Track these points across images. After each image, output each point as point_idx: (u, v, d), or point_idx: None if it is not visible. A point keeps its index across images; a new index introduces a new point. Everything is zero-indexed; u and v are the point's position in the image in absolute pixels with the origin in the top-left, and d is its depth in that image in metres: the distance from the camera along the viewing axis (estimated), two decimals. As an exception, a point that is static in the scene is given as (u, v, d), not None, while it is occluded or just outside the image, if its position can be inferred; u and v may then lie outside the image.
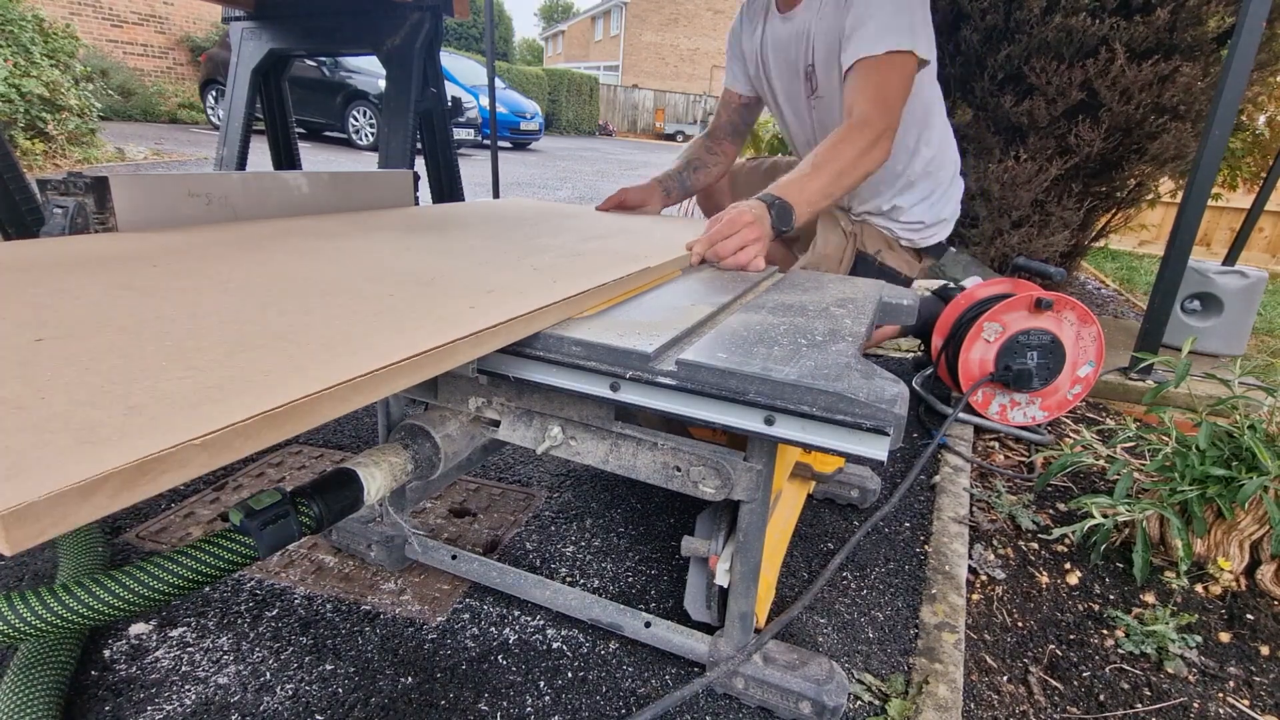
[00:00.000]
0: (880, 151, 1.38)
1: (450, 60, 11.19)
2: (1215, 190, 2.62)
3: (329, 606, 1.09)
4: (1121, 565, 1.36)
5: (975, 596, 1.25)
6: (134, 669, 0.95)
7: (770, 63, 1.70)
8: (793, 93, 1.69)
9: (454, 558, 1.16)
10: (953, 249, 1.94)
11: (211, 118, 10.49)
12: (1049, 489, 1.65)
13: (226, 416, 0.44)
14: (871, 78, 1.40)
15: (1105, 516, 1.32)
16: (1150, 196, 3.43)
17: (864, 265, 1.82)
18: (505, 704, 0.93)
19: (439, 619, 1.08)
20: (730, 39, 1.83)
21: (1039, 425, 1.89)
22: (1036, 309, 1.75)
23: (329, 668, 0.97)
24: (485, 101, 9.37)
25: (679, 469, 0.86)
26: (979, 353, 1.81)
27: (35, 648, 0.89)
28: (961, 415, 1.91)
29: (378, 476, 0.82)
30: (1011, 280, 1.88)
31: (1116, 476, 1.36)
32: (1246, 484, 1.18)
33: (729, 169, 1.96)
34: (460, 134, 9.79)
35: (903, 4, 1.40)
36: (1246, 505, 1.23)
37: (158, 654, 0.98)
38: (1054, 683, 1.06)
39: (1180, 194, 2.25)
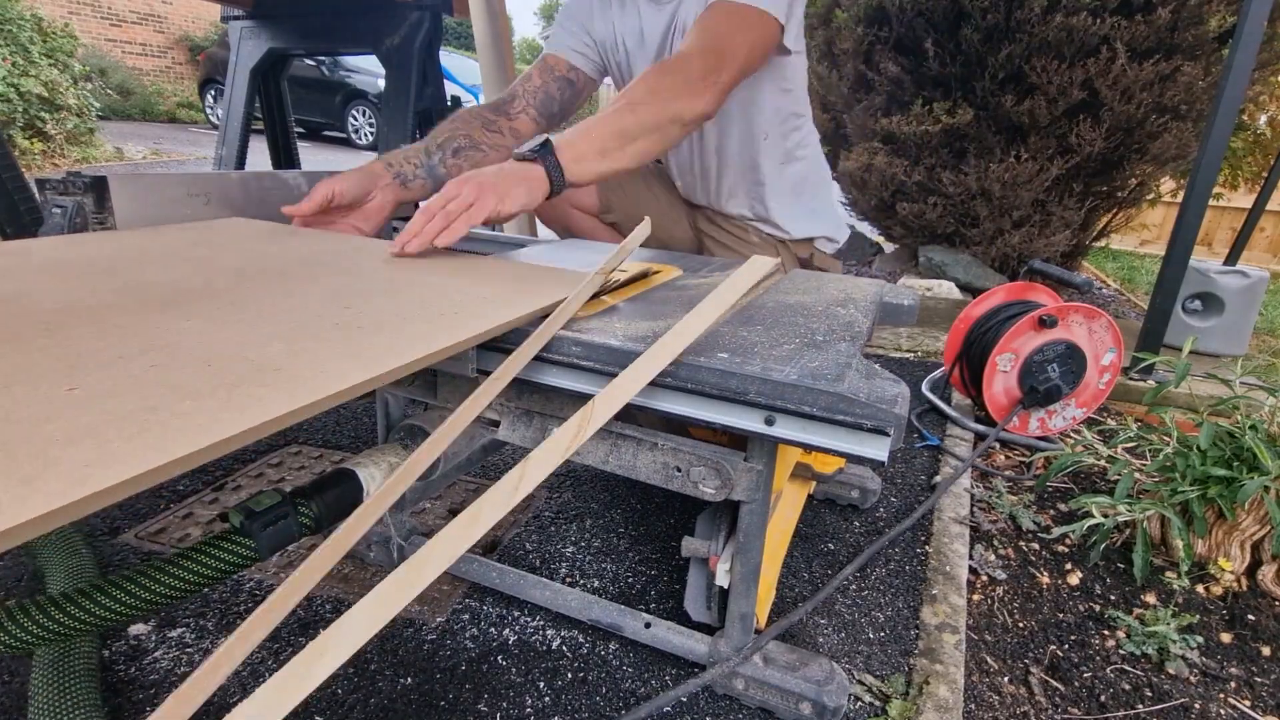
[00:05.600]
0: (697, 101, 1.09)
1: (450, 60, 11.17)
2: (1216, 190, 2.62)
3: (328, 607, 1.09)
4: (1122, 566, 1.35)
5: (976, 597, 1.25)
6: (133, 669, 0.95)
7: (634, 53, 1.45)
8: None
9: (454, 558, 1.16)
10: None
11: (210, 117, 10.49)
12: (1049, 489, 1.65)
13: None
14: (718, 20, 1.15)
15: (1106, 516, 1.32)
16: (1151, 196, 3.43)
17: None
18: (505, 704, 0.93)
19: (438, 619, 1.08)
20: (575, 6, 1.49)
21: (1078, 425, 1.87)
22: (1041, 327, 1.74)
23: (328, 668, 0.97)
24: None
25: (679, 469, 0.86)
26: (1001, 384, 1.80)
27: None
28: (969, 424, 1.91)
29: (377, 476, 0.82)
30: (1024, 284, 1.87)
31: (1117, 476, 1.36)
32: (1247, 484, 1.18)
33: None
34: (460, 133, 9.74)
35: None
36: (1247, 505, 1.23)
37: (157, 654, 0.98)
38: (1055, 683, 1.06)
39: (1181, 194, 2.25)
